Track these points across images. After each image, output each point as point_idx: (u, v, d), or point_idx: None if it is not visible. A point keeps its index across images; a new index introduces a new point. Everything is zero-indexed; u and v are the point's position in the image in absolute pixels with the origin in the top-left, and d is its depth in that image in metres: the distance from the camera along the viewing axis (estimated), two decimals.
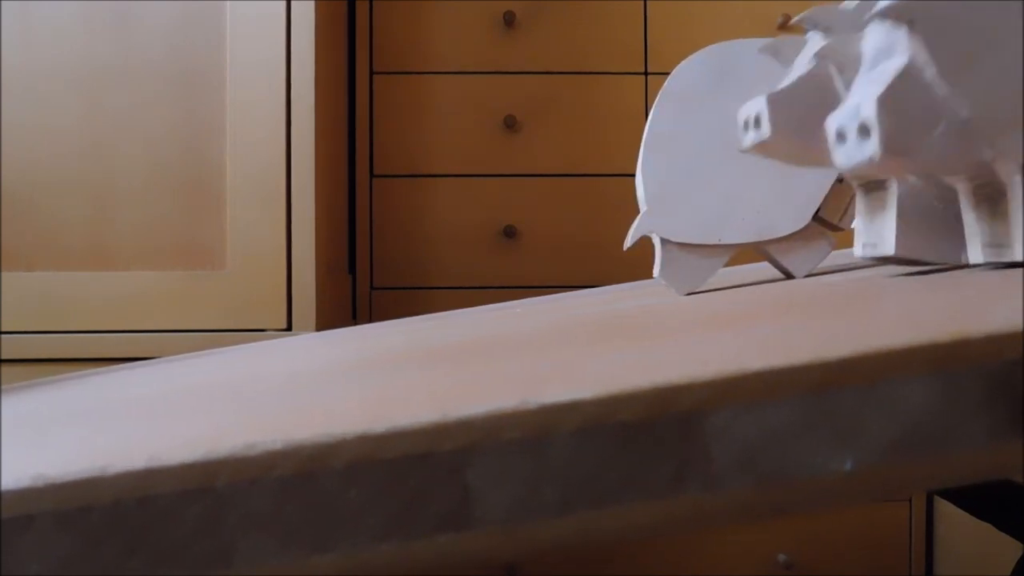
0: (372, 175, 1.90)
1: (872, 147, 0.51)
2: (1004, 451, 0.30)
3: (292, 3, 1.51)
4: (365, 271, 1.89)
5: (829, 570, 1.82)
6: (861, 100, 0.52)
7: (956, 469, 0.30)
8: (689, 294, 0.76)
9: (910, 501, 1.81)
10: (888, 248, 0.57)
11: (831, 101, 0.59)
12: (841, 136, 0.53)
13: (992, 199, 0.54)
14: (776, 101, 0.59)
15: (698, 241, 0.75)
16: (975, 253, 0.55)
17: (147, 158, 1.51)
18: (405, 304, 1.88)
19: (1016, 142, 0.52)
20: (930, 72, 0.51)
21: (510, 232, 1.90)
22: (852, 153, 0.52)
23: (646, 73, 1.91)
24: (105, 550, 0.29)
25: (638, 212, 0.76)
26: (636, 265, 1.85)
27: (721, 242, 0.75)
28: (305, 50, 1.51)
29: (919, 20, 0.52)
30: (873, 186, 0.59)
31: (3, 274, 1.49)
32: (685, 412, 0.30)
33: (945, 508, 1.79)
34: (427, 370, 0.46)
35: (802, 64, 0.60)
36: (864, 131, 0.51)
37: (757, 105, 0.57)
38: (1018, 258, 0.52)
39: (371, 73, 1.90)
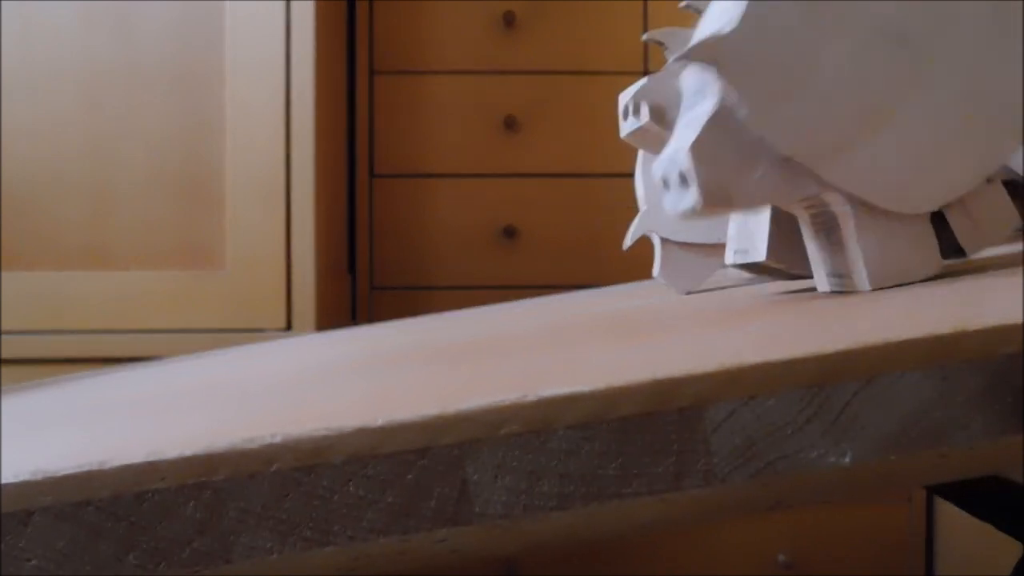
0: (372, 175, 1.90)
1: (692, 197, 0.50)
2: (1003, 445, 0.30)
3: (292, 3, 1.51)
4: (365, 271, 1.89)
5: (829, 570, 1.82)
6: (677, 147, 0.50)
7: (955, 463, 0.30)
8: (689, 293, 0.76)
9: (910, 501, 1.81)
10: (759, 254, 0.56)
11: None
12: (666, 184, 0.51)
13: (828, 228, 0.53)
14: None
15: (698, 241, 0.75)
16: (820, 281, 0.54)
17: (147, 158, 1.51)
18: (405, 304, 1.88)
19: (839, 173, 0.51)
20: (743, 113, 0.50)
21: (510, 232, 1.90)
22: (676, 202, 0.51)
23: (646, 73, 1.91)
24: (103, 544, 0.29)
25: (638, 212, 0.76)
26: (636, 265, 1.85)
27: (721, 242, 0.75)
28: (305, 50, 1.51)
29: (726, 61, 0.50)
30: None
31: (3, 274, 1.49)
32: (685, 406, 0.30)
33: (945, 508, 1.79)
34: (427, 368, 0.46)
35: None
36: (684, 180, 0.50)
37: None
38: (863, 288, 0.51)
39: (371, 73, 1.90)
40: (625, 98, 0.65)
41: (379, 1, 1.90)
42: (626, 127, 0.63)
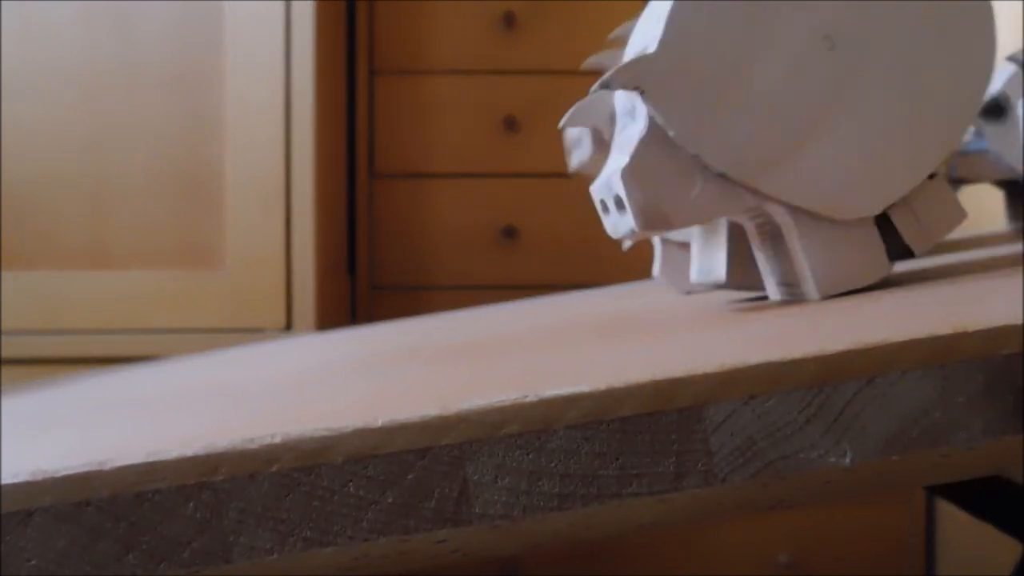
0: (372, 175, 1.90)
1: (629, 221, 0.50)
2: (1004, 445, 0.30)
3: (291, 3, 1.51)
4: (365, 271, 1.89)
5: (829, 570, 1.82)
6: (611, 171, 0.50)
7: (956, 463, 0.30)
8: (689, 293, 0.76)
9: (910, 501, 1.81)
10: (719, 277, 0.56)
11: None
12: (604, 208, 0.51)
13: (774, 237, 0.53)
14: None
15: None
16: (772, 290, 0.54)
17: (147, 158, 1.51)
18: (405, 304, 1.88)
19: (778, 185, 0.50)
20: (672, 134, 0.50)
21: (510, 232, 1.90)
22: (616, 225, 0.51)
23: None
24: (103, 544, 0.29)
25: None
26: (636, 265, 1.85)
27: None
28: (305, 50, 1.51)
29: (648, 84, 0.50)
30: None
31: (3, 274, 1.49)
32: (685, 406, 0.30)
33: (945, 508, 1.78)
34: (427, 368, 0.46)
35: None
36: (620, 204, 0.50)
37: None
38: (813, 296, 0.51)
39: (371, 73, 1.90)
40: (565, 127, 0.65)
41: (379, 1, 1.90)
42: (572, 163, 0.63)
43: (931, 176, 0.52)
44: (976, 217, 1.70)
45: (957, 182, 0.90)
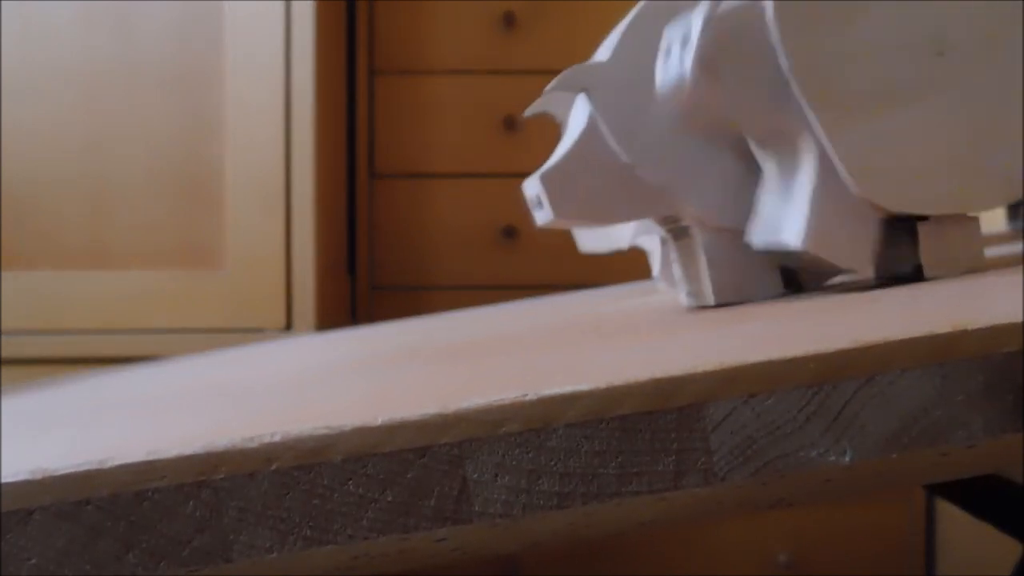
0: (372, 175, 1.90)
1: (546, 214, 0.54)
2: (1004, 444, 0.30)
3: (292, 3, 1.51)
4: (365, 271, 1.89)
5: (829, 570, 1.82)
6: (541, 169, 0.54)
7: (955, 462, 0.30)
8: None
9: (910, 501, 1.81)
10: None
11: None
12: (537, 202, 0.55)
13: (688, 249, 0.56)
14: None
15: None
16: (681, 298, 0.57)
17: (147, 158, 1.51)
18: (405, 304, 1.88)
19: (689, 200, 0.54)
20: (608, 137, 0.54)
21: (510, 232, 1.90)
22: (539, 217, 0.55)
23: None
24: (103, 543, 0.29)
25: None
26: (636, 265, 1.85)
27: None
28: (305, 50, 1.51)
29: (592, 89, 0.55)
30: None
31: (3, 274, 1.49)
32: (684, 404, 0.30)
33: (945, 508, 1.78)
34: (427, 368, 0.46)
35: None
36: (539, 202, 0.54)
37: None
38: (709, 303, 0.54)
39: (371, 73, 1.90)
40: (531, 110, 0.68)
41: (379, 1, 1.90)
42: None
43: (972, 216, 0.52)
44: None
45: None
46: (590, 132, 0.56)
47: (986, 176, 0.50)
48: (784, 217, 0.50)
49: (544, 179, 0.55)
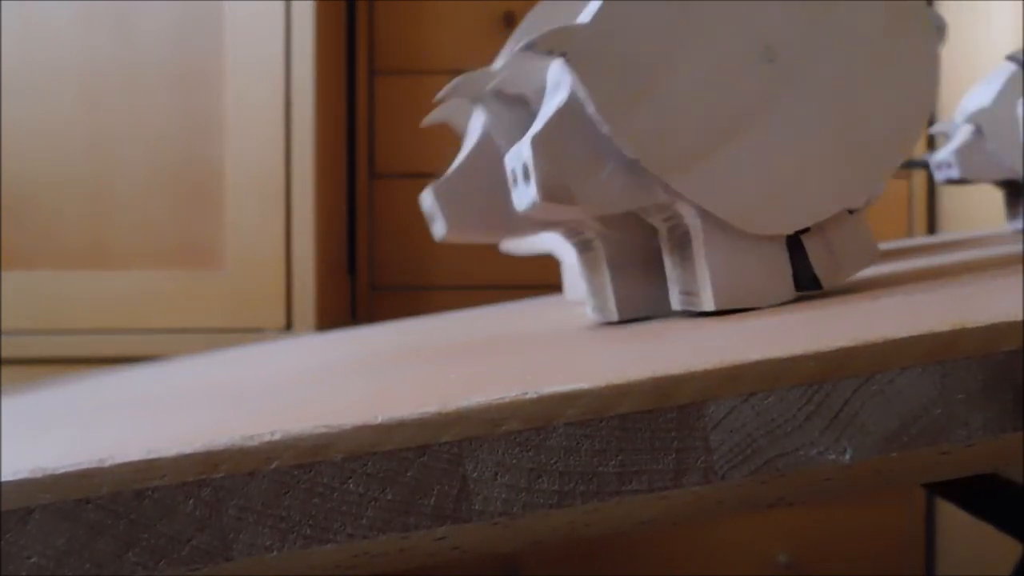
0: (372, 175, 1.90)
1: (533, 191, 0.47)
2: (1003, 442, 0.30)
3: (292, 3, 1.51)
4: (365, 271, 1.89)
5: (829, 570, 1.82)
6: (524, 140, 0.48)
7: (955, 461, 0.30)
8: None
9: (910, 500, 1.81)
10: (612, 314, 0.53)
11: (502, 172, 0.54)
12: (514, 179, 0.49)
13: (682, 243, 0.50)
14: (443, 192, 0.54)
15: None
16: (674, 299, 0.52)
17: (147, 158, 1.51)
18: (405, 304, 1.88)
19: (689, 184, 0.48)
20: (591, 109, 0.47)
21: None
22: (521, 197, 0.49)
23: None
24: (103, 542, 0.29)
25: None
26: None
27: None
28: (305, 50, 1.51)
29: (574, 53, 0.47)
30: (584, 245, 0.55)
31: (3, 274, 1.49)
32: (684, 403, 0.30)
33: (945, 508, 1.78)
34: (426, 367, 0.46)
35: (470, 141, 0.56)
36: (527, 174, 0.48)
37: (429, 200, 0.53)
38: (707, 307, 0.49)
39: (371, 73, 1.90)
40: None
41: (379, 1, 1.90)
42: (435, 233, 0.62)
43: (851, 211, 0.50)
44: (976, 217, 1.71)
45: (957, 182, 0.90)
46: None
47: (845, 172, 0.49)
48: (694, 281, 0.49)
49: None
